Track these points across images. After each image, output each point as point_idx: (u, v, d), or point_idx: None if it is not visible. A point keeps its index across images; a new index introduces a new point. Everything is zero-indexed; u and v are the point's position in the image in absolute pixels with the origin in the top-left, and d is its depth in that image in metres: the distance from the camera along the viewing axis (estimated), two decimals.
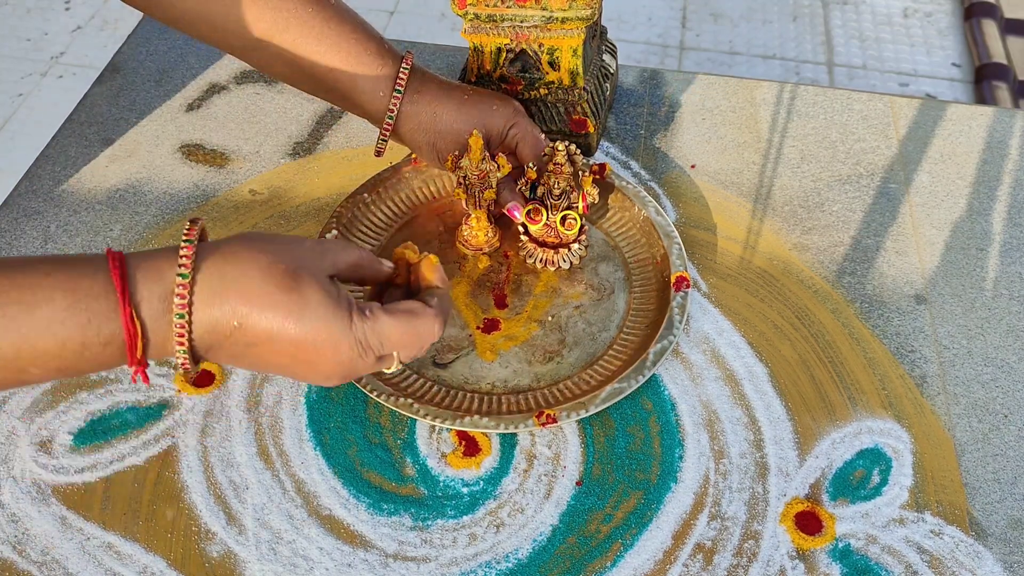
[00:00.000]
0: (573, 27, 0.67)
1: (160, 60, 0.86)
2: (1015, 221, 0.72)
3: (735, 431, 0.60)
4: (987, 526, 0.55)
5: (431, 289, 0.51)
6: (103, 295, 0.41)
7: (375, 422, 0.60)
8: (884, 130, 0.79)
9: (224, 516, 0.56)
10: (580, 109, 0.72)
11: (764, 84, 0.84)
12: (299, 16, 0.61)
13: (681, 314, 0.62)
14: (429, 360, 0.62)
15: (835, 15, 2.14)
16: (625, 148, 0.78)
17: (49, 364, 0.40)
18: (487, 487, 0.57)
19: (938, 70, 2.00)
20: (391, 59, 0.64)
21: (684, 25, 2.11)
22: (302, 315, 0.43)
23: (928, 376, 0.62)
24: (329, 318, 0.44)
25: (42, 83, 1.96)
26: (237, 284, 0.42)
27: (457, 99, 0.65)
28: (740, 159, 0.77)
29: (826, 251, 0.70)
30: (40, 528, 0.55)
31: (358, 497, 0.57)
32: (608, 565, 0.54)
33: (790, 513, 0.56)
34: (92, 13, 2.13)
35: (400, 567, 0.54)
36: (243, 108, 0.81)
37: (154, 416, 0.60)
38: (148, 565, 0.54)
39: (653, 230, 0.68)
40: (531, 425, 0.57)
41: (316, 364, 0.45)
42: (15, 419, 0.60)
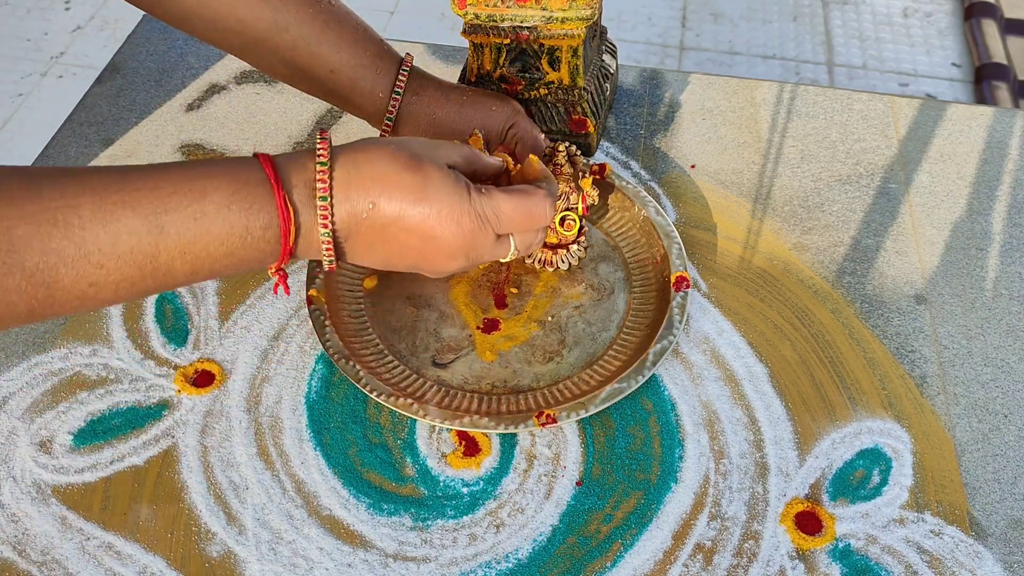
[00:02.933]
0: (573, 27, 0.67)
1: (160, 60, 0.86)
2: (1015, 221, 0.72)
3: (735, 431, 0.60)
4: (987, 526, 0.55)
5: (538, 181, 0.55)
6: (260, 184, 0.45)
7: (375, 422, 0.60)
8: (884, 130, 0.79)
9: (224, 516, 0.56)
10: (580, 109, 0.72)
11: (764, 84, 0.84)
12: (299, 17, 0.61)
13: (681, 314, 0.62)
14: (429, 360, 0.62)
15: (835, 15, 2.14)
16: (625, 148, 0.78)
17: (218, 250, 0.44)
18: (487, 487, 0.57)
19: (938, 70, 2.00)
20: (390, 61, 0.64)
21: (684, 25, 2.11)
22: (426, 191, 0.47)
23: (928, 376, 0.62)
24: (450, 192, 0.48)
25: (42, 83, 1.96)
26: (368, 170, 0.47)
27: (456, 100, 0.65)
28: (740, 159, 0.77)
29: (826, 251, 0.70)
30: (40, 528, 0.55)
31: (358, 497, 0.57)
32: (608, 565, 0.54)
33: (790, 513, 0.56)
34: (92, 13, 2.13)
35: (400, 567, 0.54)
36: (243, 108, 0.81)
37: (154, 416, 0.60)
38: (148, 565, 0.54)
39: (653, 230, 0.68)
40: (531, 425, 0.57)
41: (441, 240, 0.49)
42: (15, 419, 0.60)
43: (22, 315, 0.41)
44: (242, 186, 0.45)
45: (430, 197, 0.48)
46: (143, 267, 0.43)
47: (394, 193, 0.47)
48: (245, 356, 0.63)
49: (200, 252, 0.44)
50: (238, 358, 0.63)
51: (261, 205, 0.45)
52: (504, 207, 0.51)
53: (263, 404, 0.61)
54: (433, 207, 0.48)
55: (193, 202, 0.43)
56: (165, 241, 0.43)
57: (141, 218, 0.42)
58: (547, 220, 0.53)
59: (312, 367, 0.63)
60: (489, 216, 0.50)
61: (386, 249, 0.49)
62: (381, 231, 0.48)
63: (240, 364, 0.63)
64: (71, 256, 0.40)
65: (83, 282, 0.41)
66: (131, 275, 0.43)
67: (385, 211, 0.47)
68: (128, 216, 0.42)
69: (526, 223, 0.52)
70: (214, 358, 0.63)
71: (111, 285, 0.42)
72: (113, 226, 0.41)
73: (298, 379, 0.62)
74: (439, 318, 0.65)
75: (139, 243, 0.42)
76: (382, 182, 0.47)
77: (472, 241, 0.50)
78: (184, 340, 0.64)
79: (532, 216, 0.52)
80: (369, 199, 0.47)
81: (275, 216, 0.45)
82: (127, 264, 0.42)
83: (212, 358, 0.63)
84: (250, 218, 0.45)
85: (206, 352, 0.64)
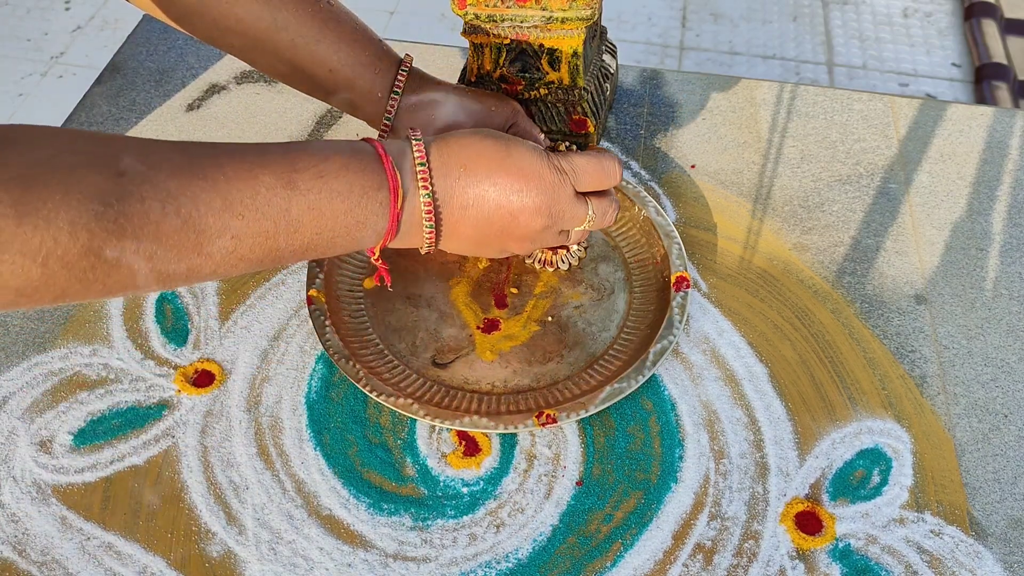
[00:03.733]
0: (573, 27, 0.67)
1: (160, 60, 0.86)
2: (1015, 221, 0.72)
3: (735, 431, 0.60)
4: (987, 526, 0.55)
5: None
6: (370, 153, 0.51)
7: (375, 422, 0.60)
8: (884, 130, 0.79)
9: (224, 516, 0.56)
10: (580, 109, 0.72)
11: (764, 84, 0.84)
12: (298, 16, 0.61)
13: (681, 314, 0.62)
14: (429, 360, 0.62)
15: (835, 15, 2.14)
16: (625, 148, 0.78)
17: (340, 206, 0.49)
18: (487, 487, 0.57)
19: (938, 70, 2.00)
20: (389, 61, 0.64)
21: (684, 25, 2.11)
22: (509, 152, 0.53)
23: (928, 376, 0.62)
24: (529, 152, 0.54)
25: (42, 83, 1.96)
26: (457, 144, 0.53)
27: (455, 100, 0.65)
28: (740, 159, 0.77)
29: (826, 251, 0.70)
30: (40, 528, 0.55)
31: (358, 497, 0.57)
32: (608, 565, 0.54)
33: (790, 513, 0.56)
34: (92, 13, 2.13)
35: (400, 567, 0.54)
36: (243, 108, 0.81)
37: (154, 416, 0.60)
38: (148, 565, 0.54)
39: (653, 230, 0.68)
40: (531, 425, 0.57)
41: (527, 193, 0.53)
42: (15, 419, 0.60)
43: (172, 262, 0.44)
44: (356, 153, 0.51)
45: (513, 155, 0.53)
46: (277, 221, 0.47)
47: (481, 157, 0.53)
48: (245, 356, 0.63)
49: (324, 207, 0.49)
50: (238, 358, 0.63)
51: (374, 169, 0.50)
52: (579, 161, 0.55)
53: (263, 404, 0.61)
54: (516, 163, 0.53)
55: (319, 163, 0.49)
56: (296, 196, 0.48)
57: (275, 175, 0.47)
58: (618, 177, 0.57)
59: (312, 367, 0.63)
60: (567, 169, 0.55)
61: (479, 212, 0.54)
62: (474, 191, 0.53)
63: (240, 364, 0.63)
64: (218, 207, 0.45)
65: (228, 233, 0.46)
66: (267, 228, 0.47)
67: (476, 172, 0.53)
68: (264, 173, 0.47)
69: (600, 178, 0.56)
70: (214, 358, 0.63)
71: (249, 238, 0.46)
72: (252, 181, 0.46)
73: (298, 379, 0.62)
74: (439, 318, 0.65)
75: (274, 197, 0.47)
76: (469, 148, 0.53)
77: (554, 195, 0.54)
78: (184, 340, 0.64)
79: (604, 171, 0.56)
80: (460, 163, 0.53)
81: (385, 179, 0.51)
82: (264, 217, 0.47)
83: (212, 358, 0.63)
84: (365, 178, 0.50)
85: (206, 352, 0.64)
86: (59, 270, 0.40)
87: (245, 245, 0.47)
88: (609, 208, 0.58)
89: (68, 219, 0.39)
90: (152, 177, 0.43)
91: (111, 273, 0.42)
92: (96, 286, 0.42)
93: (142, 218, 0.42)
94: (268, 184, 0.47)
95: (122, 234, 0.41)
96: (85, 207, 0.40)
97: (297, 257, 0.50)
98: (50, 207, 0.39)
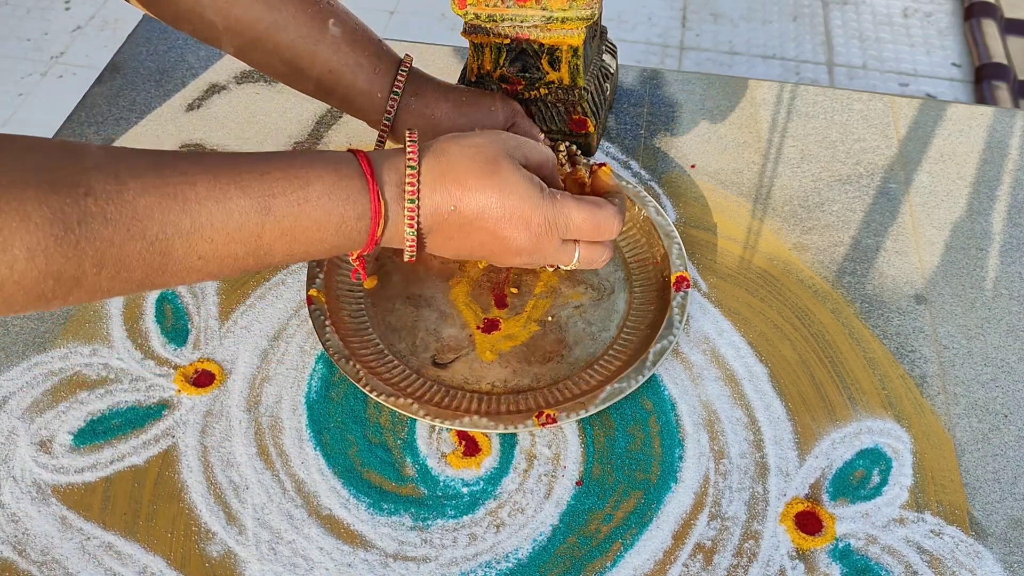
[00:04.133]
0: (573, 27, 0.67)
1: (160, 60, 0.86)
2: (1015, 221, 0.72)
3: (735, 431, 0.60)
4: (987, 526, 0.55)
5: (609, 194, 0.58)
6: (357, 177, 0.49)
7: (375, 422, 0.60)
8: (884, 130, 0.79)
9: (224, 516, 0.56)
10: (580, 109, 0.72)
11: (764, 84, 0.84)
12: (297, 16, 0.61)
13: (681, 314, 0.62)
14: (429, 360, 0.62)
15: (835, 15, 2.14)
16: (625, 148, 0.78)
17: (315, 235, 0.48)
18: (487, 487, 0.57)
19: (938, 70, 2.00)
20: (389, 61, 0.64)
21: (684, 25, 2.11)
22: (503, 193, 0.51)
23: (928, 376, 0.62)
24: (524, 194, 0.52)
25: (42, 83, 1.96)
26: (453, 173, 0.51)
27: (455, 101, 0.65)
28: (740, 159, 0.77)
29: (826, 251, 0.70)
30: (40, 528, 0.55)
31: (358, 497, 0.57)
32: (608, 565, 0.54)
33: (790, 513, 0.56)
34: (92, 13, 2.13)
35: (400, 567, 0.54)
36: (243, 108, 0.81)
37: (154, 416, 0.60)
38: (148, 565, 0.54)
39: (653, 230, 0.68)
40: (531, 425, 0.57)
41: (511, 239, 0.52)
42: (15, 419, 0.60)
43: (135, 281, 0.44)
44: (341, 178, 0.49)
45: (506, 198, 0.51)
46: (247, 244, 0.46)
47: (475, 196, 0.51)
48: (245, 356, 0.63)
49: (299, 235, 0.48)
50: (238, 358, 0.63)
51: (357, 197, 0.49)
52: (574, 215, 0.53)
53: (263, 404, 0.61)
54: (507, 208, 0.51)
55: (298, 189, 0.47)
56: (270, 222, 0.46)
57: (251, 199, 0.46)
58: (614, 234, 0.55)
59: (312, 367, 0.63)
60: (558, 222, 0.53)
61: (460, 243, 0.53)
62: (459, 228, 0.52)
63: (240, 364, 0.63)
64: (187, 229, 0.44)
65: (194, 254, 0.45)
66: (236, 251, 0.46)
67: (466, 212, 0.51)
68: (239, 196, 0.45)
69: (593, 234, 0.55)
70: (214, 358, 0.63)
71: (217, 259, 0.45)
72: (225, 204, 0.45)
73: (298, 379, 0.62)
74: (439, 318, 0.65)
75: (247, 222, 0.46)
76: (463, 184, 0.51)
77: (538, 242, 0.53)
78: (184, 340, 0.64)
79: (599, 228, 0.54)
80: (451, 202, 0.51)
81: (368, 208, 0.49)
82: (234, 241, 0.46)
83: (212, 358, 0.63)
84: (346, 208, 0.48)
85: (206, 352, 0.64)
86: (16, 293, 0.40)
87: (212, 265, 0.46)
88: (599, 256, 0.56)
89: (25, 246, 0.39)
90: (119, 196, 0.42)
91: (71, 292, 0.42)
92: (56, 303, 0.42)
93: (105, 241, 0.41)
94: (242, 208, 0.45)
95: (82, 258, 0.41)
96: (44, 232, 0.39)
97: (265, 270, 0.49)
98: (6, 235, 0.38)
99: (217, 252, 0.45)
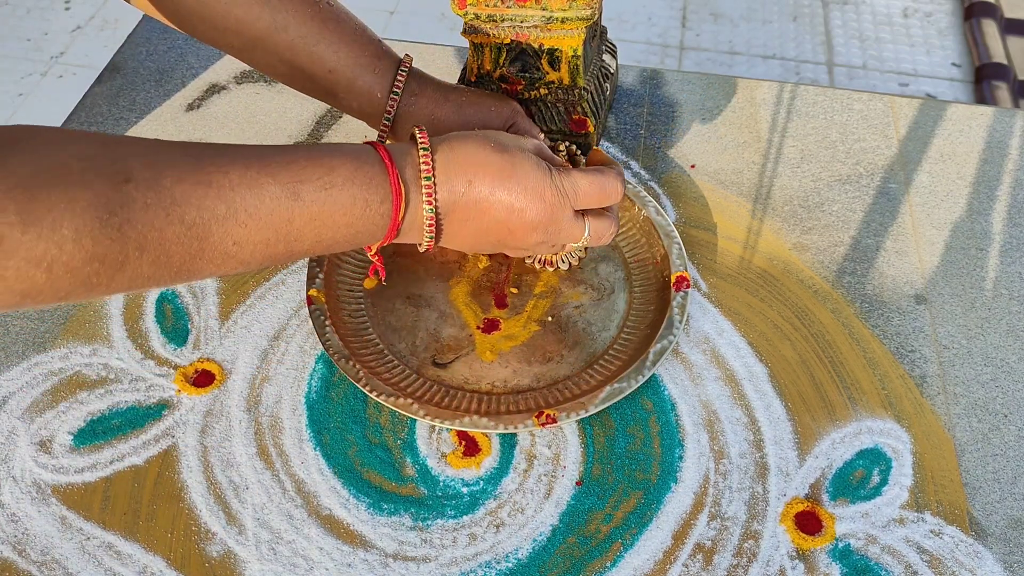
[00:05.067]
0: (573, 27, 0.67)
1: (160, 60, 0.86)
2: (1015, 221, 0.72)
3: (735, 431, 0.60)
4: (987, 526, 0.55)
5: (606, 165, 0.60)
6: (377, 163, 0.51)
7: (375, 422, 0.60)
8: (884, 130, 0.79)
9: (224, 516, 0.56)
10: (580, 109, 0.72)
11: (764, 84, 0.84)
12: (297, 17, 0.61)
13: (681, 314, 0.62)
14: (429, 360, 0.62)
15: (835, 15, 2.14)
16: (625, 148, 0.78)
17: (342, 219, 0.50)
18: (487, 487, 0.57)
19: (938, 70, 2.00)
20: (389, 61, 0.64)
21: (684, 25, 2.11)
22: (514, 169, 0.53)
23: (928, 376, 0.62)
24: (533, 168, 0.54)
25: (42, 83, 1.96)
26: (463, 154, 0.53)
27: (455, 101, 0.65)
28: (740, 159, 0.77)
29: (826, 251, 0.70)
30: (40, 528, 0.55)
31: (358, 497, 0.57)
32: (608, 565, 0.54)
33: (790, 513, 0.56)
34: (92, 13, 2.13)
35: (400, 567, 0.54)
36: (243, 108, 0.81)
37: (154, 416, 0.60)
38: (148, 565, 0.54)
39: (653, 230, 0.68)
40: (531, 425, 0.57)
41: (526, 212, 0.54)
42: (15, 419, 0.60)
43: (174, 267, 0.45)
44: (363, 164, 0.50)
45: (517, 174, 0.53)
46: (279, 230, 0.48)
47: (487, 172, 0.53)
48: (245, 356, 0.63)
49: (327, 219, 0.49)
50: (238, 358, 0.63)
51: (379, 182, 0.51)
52: (580, 182, 0.55)
53: (263, 404, 0.61)
54: (520, 182, 0.53)
55: (324, 174, 0.49)
56: (299, 207, 0.48)
57: (280, 185, 0.47)
58: (619, 196, 0.57)
59: (312, 367, 0.63)
60: (568, 190, 0.55)
61: (478, 224, 0.54)
62: (475, 206, 0.53)
63: (240, 364, 0.63)
64: (222, 214, 0.45)
65: (229, 239, 0.46)
66: (268, 237, 0.47)
67: (479, 188, 0.53)
68: (270, 183, 0.47)
69: (601, 197, 0.56)
70: (214, 358, 0.63)
71: (250, 245, 0.47)
72: (257, 191, 0.47)
73: (298, 379, 0.62)
74: (439, 318, 0.65)
75: (278, 207, 0.47)
76: (476, 164, 0.53)
77: (552, 214, 0.54)
78: (184, 340, 0.64)
79: (605, 191, 0.56)
80: (466, 178, 0.53)
81: (389, 191, 0.51)
82: (266, 226, 0.47)
83: (212, 358, 0.63)
84: (369, 191, 0.50)
85: (206, 352, 0.64)
86: (63, 275, 0.41)
87: (245, 251, 0.47)
88: (607, 229, 0.58)
89: (73, 227, 0.40)
90: (157, 183, 0.43)
91: (115, 277, 0.43)
92: (99, 289, 0.43)
93: (146, 225, 0.42)
94: (273, 194, 0.47)
95: (126, 241, 0.42)
96: (90, 215, 0.40)
97: (292, 260, 0.51)
98: (55, 215, 0.39)
99: (250, 237, 0.47)
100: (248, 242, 0.47)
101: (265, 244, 0.48)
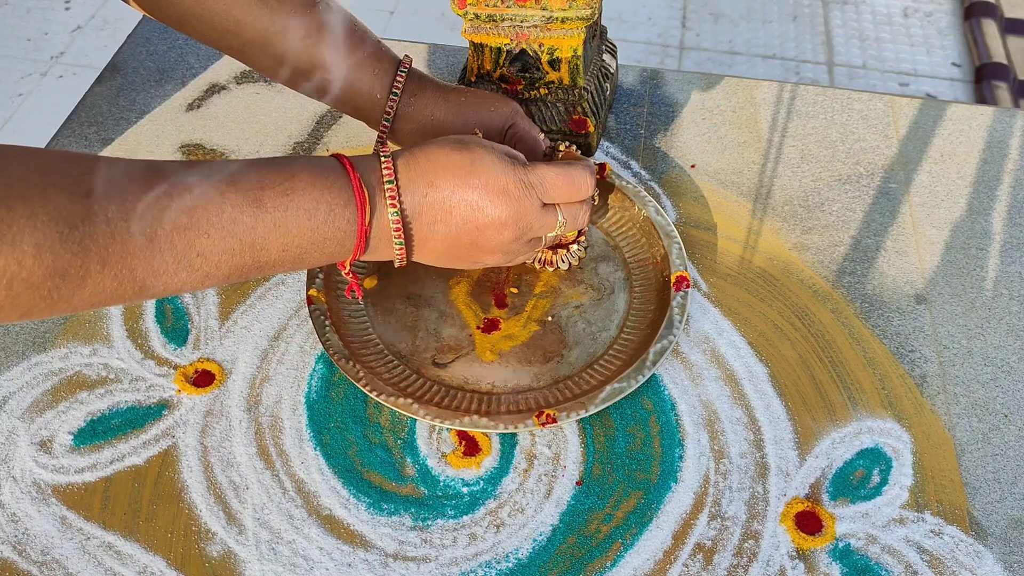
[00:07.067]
0: (573, 27, 0.67)
1: (160, 60, 0.86)
2: (1015, 221, 0.72)
3: (735, 431, 0.60)
4: (987, 526, 0.55)
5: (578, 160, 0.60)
6: (338, 169, 0.51)
7: (375, 422, 0.60)
8: (884, 130, 0.79)
9: (224, 516, 0.56)
10: (580, 109, 0.72)
11: (764, 84, 0.84)
12: (296, 18, 0.61)
13: (681, 314, 0.62)
14: (429, 360, 0.62)
15: (835, 15, 2.14)
16: (625, 148, 0.78)
17: (306, 224, 0.49)
18: (487, 487, 0.57)
19: (938, 70, 2.00)
20: (388, 62, 0.64)
21: (684, 25, 2.11)
22: (474, 165, 0.53)
23: (928, 376, 0.62)
24: (494, 163, 0.53)
25: (42, 83, 1.96)
26: (424, 157, 0.53)
27: (455, 101, 0.65)
28: (740, 159, 0.77)
29: (826, 251, 0.70)
30: (40, 528, 0.55)
31: (358, 497, 0.57)
32: (608, 565, 0.54)
33: (790, 513, 0.56)
34: (92, 13, 2.13)
35: (400, 567, 0.54)
36: (243, 108, 0.81)
37: (154, 416, 0.60)
38: (148, 565, 0.54)
39: (653, 230, 0.68)
40: (531, 425, 0.57)
41: (492, 208, 0.53)
42: (15, 419, 0.60)
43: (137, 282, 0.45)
44: (323, 170, 0.51)
45: (478, 170, 0.53)
46: (242, 238, 0.48)
47: (447, 171, 0.53)
48: (245, 356, 0.63)
49: (291, 225, 0.49)
50: (238, 358, 0.63)
51: (340, 185, 0.50)
52: (547, 174, 0.55)
53: (263, 404, 0.61)
54: (481, 178, 0.53)
55: (284, 180, 0.49)
56: (262, 214, 0.48)
57: (242, 193, 0.47)
58: (589, 190, 0.57)
59: (312, 367, 0.63)
60: (534, 182, 0.55)
61: (446, 227, 0.54)
62: (441, 207, 0.53)
63: (240, 364, 0.63)
64: (184, 224, 0.45)
65: (192, 251, 0.46)
66: (232, 246, 0.47)
67: (441, 187, 0.53)
68: (231, 192, 0.47)
69: (569, 191, 0.56)
70: (214, 358, 0.63)
71: (215, 255, 0.47)
72: (218, 199, 0.47)
73: (298, 379, 0.62)
74: (439, 318, 0.65)
75: (240, 215, 0.47)
76: (436, 164, 0.53)
77: (520, 208, 0.54)
78: (184, 340, 0.64)
79: (574, 183, 0.56)
80: (427, 179, 0.53)
81: (352, 195, 0.51)
82: (230, 235, 0.47)
83: (212, 358, 0.63)
84: (332, 195, 0.50)
85: (206, 352, 0.64)
86: (24, 291, 0.40)
87: (210, 262, 0.47)
88: (580, 211, 0.57)
89: (33, 242, 0.40)
90: (119, 196, 0.43)
91: (76, 292, 0.42)
92: (61, 305, 0.42)
93: (107, 239, 0.42)
94: (234, 202, 0.47)
95: (87, 255, 0.42)
96: (50, 229, 0.40)
97: (266, 272, 0.50)
98: (15, 231, 0.39)
99: (215, 247, 0.46)
100: (212, 252, 0.47)
101: (230, 254, 0.47)
